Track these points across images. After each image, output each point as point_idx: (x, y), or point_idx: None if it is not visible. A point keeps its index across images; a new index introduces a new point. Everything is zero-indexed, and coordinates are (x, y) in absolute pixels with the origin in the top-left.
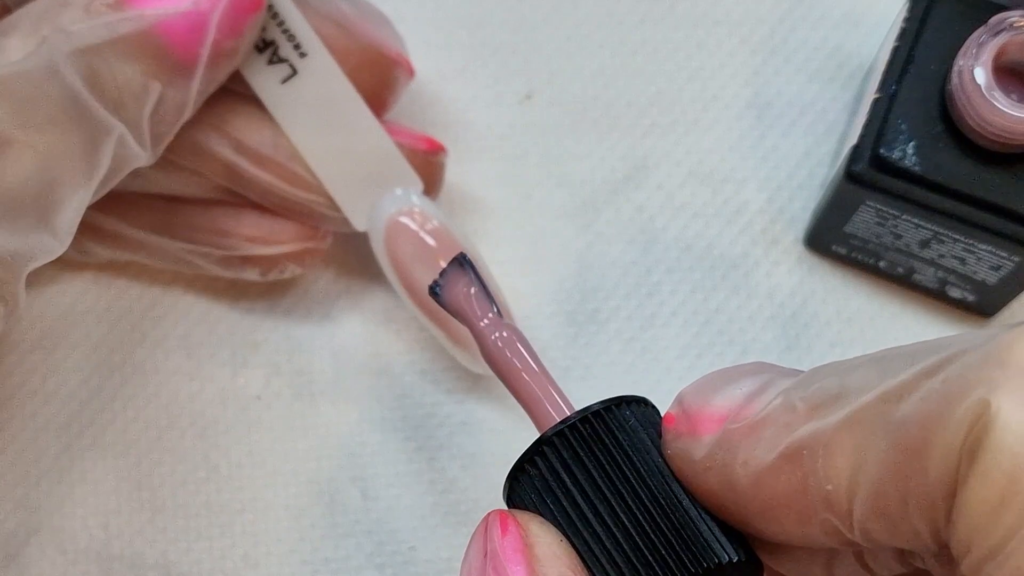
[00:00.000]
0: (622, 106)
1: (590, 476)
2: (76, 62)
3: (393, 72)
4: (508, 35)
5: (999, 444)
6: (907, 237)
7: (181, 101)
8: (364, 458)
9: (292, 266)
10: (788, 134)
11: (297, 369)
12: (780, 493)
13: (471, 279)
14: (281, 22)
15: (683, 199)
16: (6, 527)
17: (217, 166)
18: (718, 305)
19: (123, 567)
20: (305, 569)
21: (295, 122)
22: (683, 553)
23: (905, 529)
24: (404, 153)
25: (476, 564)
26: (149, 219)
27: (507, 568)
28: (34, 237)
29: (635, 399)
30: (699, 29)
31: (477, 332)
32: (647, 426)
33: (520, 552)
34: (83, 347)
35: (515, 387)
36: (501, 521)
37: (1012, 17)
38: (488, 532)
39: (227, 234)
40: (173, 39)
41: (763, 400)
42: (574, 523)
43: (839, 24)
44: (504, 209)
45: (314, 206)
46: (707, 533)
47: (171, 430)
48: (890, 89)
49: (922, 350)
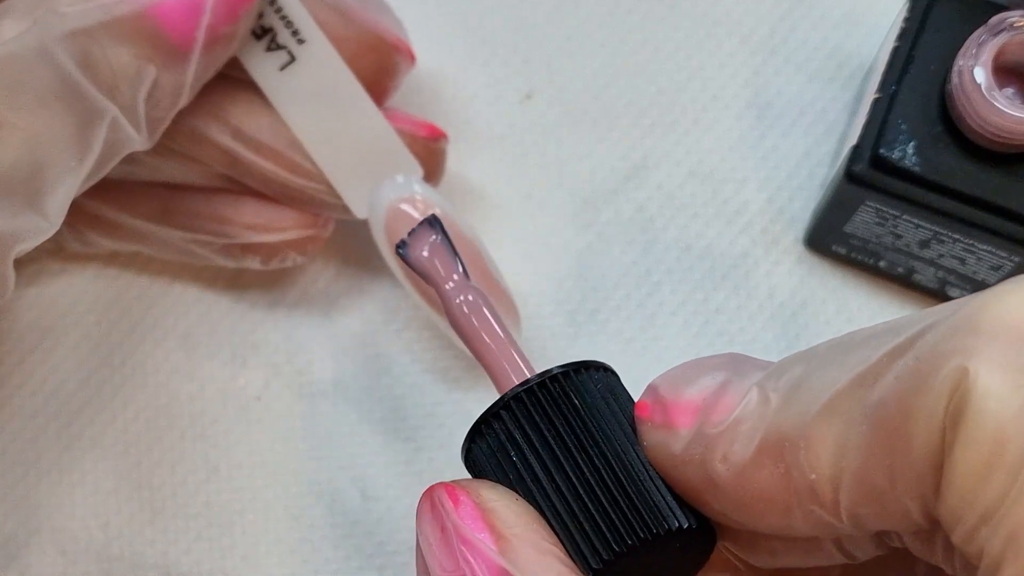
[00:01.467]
0: (622, 106)
1: (546, 440)
2: (69, 44)
3: (393, 58)
4: (508, 34)
5: (981, 409)
6: (907, 237)
7: (177, 86)
8: (364, 459)
9: (293, 254)
10: (788, 134)
11: (297, 370)
12: (762, 487)
13: (439, 239)
14: (279, 9)
15: (683, 199)
16: (6, 527)
17: (216, 153)
18: (718, 305)
19: (123, 567)
20: (305, 569)
21: (294, 109)
22: (635, 519)
23: (895, 509)
24: (404, 140)
25: (436, 543)
26: (150, 208)
27: (472, 536)
28: (23, 218)
29: (596, 364)
30: (699, 29)
31: (442, 293)
32: (607, 392)
33: (480, 519)
34: (83, 347)
35: (477, 349)
36: (449, 493)
37: (1012, 17)
38: (437, 507)
39: (228, 222)
40: (168, 23)
41: (736, 390)
42: (528, 486)
43: (839, 24)
44: (504, 208)
45: (314, 193)
46: (660, 500)
47: (171, 431)
48: (890, 89)
49: (885, 331)
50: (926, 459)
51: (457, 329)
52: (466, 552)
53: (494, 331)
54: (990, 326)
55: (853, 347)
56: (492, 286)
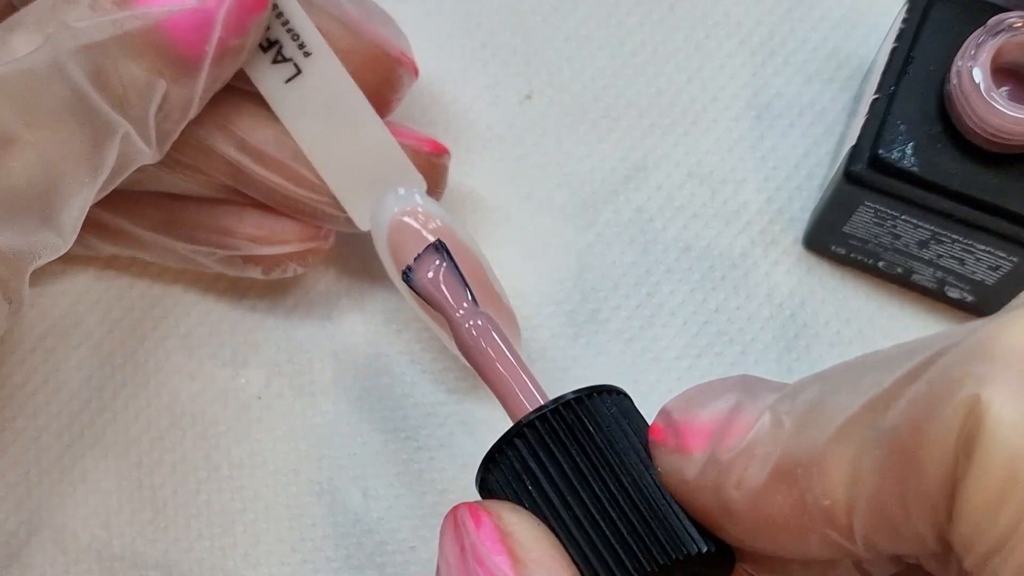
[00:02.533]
0: (622, 107)
1: (561, 466)
2: (81, 59)
3: (397, 72)
4: (508, 36)
5: (993, 437)
6: (906, 237)
7: (187, 99)
8: (365, 458)
9: (294, 266)
10: (787, 135)
11: (298, 369)
12: (777, 512)
13: (446, 265)
14: (285, 21)
15: (682, 200)
16: (7, 526)
17: (221, 164)
18: (717, 305)
19: (124, 566)
20: (306, 568)
21: (299, 121)
22: (653, 544)
23: (908, 535)
24: (407, 154)
25: (454, 561)
26: (153, 218)
27: (490, 559)
28: (38, 235)
29: (609, 388)
30: (698, 30)
31: (451, 320)
32: (620, 416)
33: (499, 541)
34: (84, 347)
35: (488, 377)
36: (472, 513)
37: (1010, 18)
38: (459, 527)
39: (230, 233)
40: (179, 37)
41: (749, 413)
42: (544, 512)
43: (838, 25)
44: (504, 209)
45: (317, 205)
46: (678, 524)
47: (172, 430)
48: (889, 90)
49: (898, 355)
50: (939, 486)
51: (467, 356)
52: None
53: (505, 357)
54: (1004, 353)
55: (866, 370)
56: (495, 302)
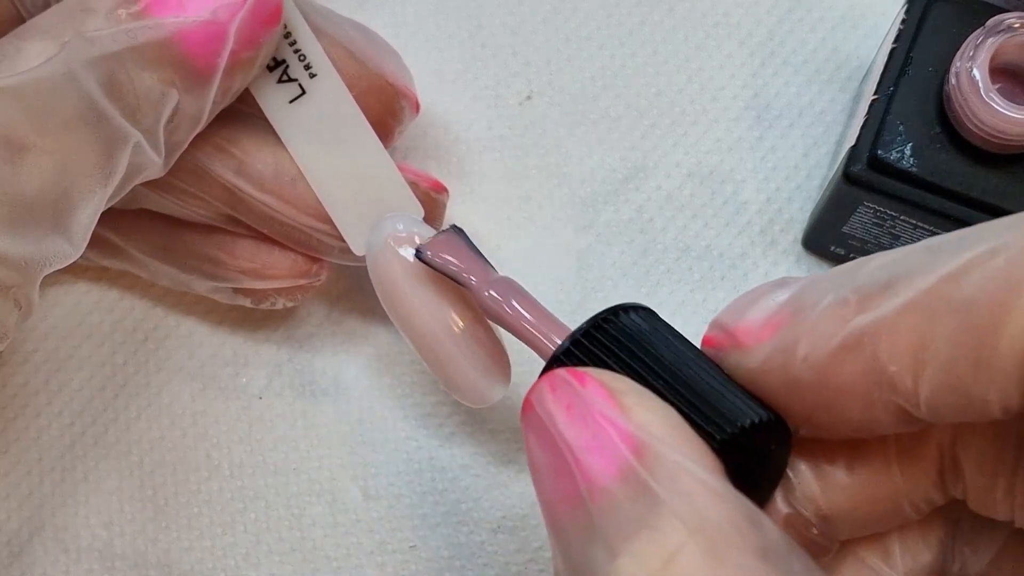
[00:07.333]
0: (622, 107)
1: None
2: (95, 69)
3: (400, 103)
4: (508, 37)
5: None
6: (905, 238)
7: (197, 110)
8: (365, 457)
9: (283, 300)
10: (786, 135)
11: (299, 368)
12: (844, 381)
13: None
14: (293, 42)
15: (682, 200)
16: (9, 525)
17: (218, 189)
18: (717, 305)
19: (126, 565)
20: (306, 567)
21: (301, 142)
22: (745, 407)
23: (977, 399)
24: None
25: (564, 420)
26: (150, 242)
27: (604, 407)
28: (49, 243)
29: (634, 306)
30: (698, 31)
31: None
32: (654, 321)
33: (607, 396)
34: (86, 347)
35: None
36: (573, 375)
37: (1009, 19)
38: (560, 389)
39: (222, 264)
40: (192, 48)
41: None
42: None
43: (837, 26)
44: (504, 209)
45: (313, 234)
46: (735, 400)
47: (173, 429)
48: (888, 91)
49: (973, 234)
50: (1012, 354)
51: (492, 317)
52: (600, 422)
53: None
54: None
55: (935, 250)
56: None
